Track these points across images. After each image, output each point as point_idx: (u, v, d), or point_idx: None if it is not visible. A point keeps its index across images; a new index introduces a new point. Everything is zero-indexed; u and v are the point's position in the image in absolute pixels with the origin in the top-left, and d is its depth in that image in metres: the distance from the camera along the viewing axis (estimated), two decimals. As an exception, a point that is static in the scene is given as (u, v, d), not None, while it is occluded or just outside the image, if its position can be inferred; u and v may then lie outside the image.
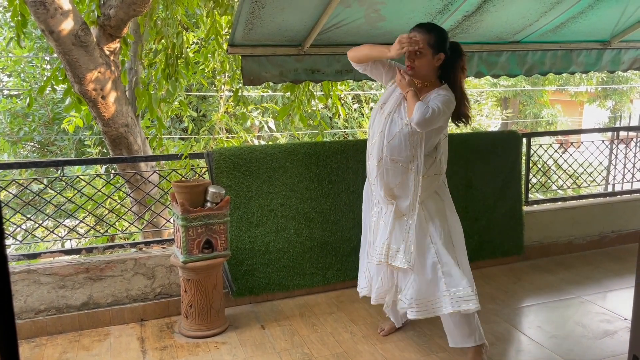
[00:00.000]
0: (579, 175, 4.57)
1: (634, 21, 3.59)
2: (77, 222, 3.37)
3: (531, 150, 4.28)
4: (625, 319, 3.12)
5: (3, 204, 3.47)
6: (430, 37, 2.41)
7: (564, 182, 4.75)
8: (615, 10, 3.38)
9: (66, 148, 8.08)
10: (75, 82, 3.84)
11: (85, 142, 7.40)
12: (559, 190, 6.33)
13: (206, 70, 5.52)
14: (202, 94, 8.28)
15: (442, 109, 2.38)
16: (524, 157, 4.16)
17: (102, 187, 4.21)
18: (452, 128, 3.12)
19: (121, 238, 4.43)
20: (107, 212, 3.68)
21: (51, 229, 3.63)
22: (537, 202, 4.40)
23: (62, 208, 3.70)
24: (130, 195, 4.21)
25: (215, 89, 7.63)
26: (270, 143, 7.56)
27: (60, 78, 4.23)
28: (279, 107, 7.14)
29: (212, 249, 2.96)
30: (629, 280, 3.71)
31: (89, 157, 6.83)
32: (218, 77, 6.18)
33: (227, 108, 6.81)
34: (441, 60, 2.47)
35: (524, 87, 14.41)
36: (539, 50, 3.68)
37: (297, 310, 3.31)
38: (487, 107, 12.04)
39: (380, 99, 2.64)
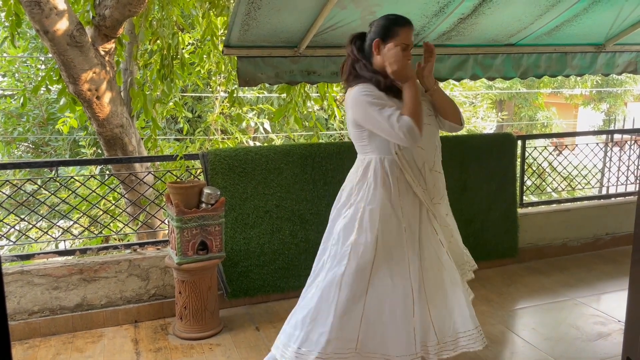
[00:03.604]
0: (574, 178, 4.59)
1: (628, 25, 3.61)
2: (71, 223, 3.35)
3: (526, 152, 4.29)
4: (619, 321, 3.13)
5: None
6: None
7: (559, 185, 4.78)
8: (609, 14, 3.39)
9: (60, 148, 8.03)
10: (70, 83, 3.83)
11: (80, 143, 7.36)
12: (553, 193, 6.36)
13: (202, 71, 5.51)
14: (197, 94, 8.25)
15: None
16: (518, 160, 4.17)
17: (97, 187, 4.18)
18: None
19: (115, 239, 4.41)
20: (101, 213, 3.66)
21: (45, 230, 3.60)
22: (532, 204, 4.42)
23: (56, 209, 3.68)
24: (125, 196, 4.20)
25: (210, 90, 7.61)
26: (265, 144, 7.55)
27: (54, 78, 4.21)
28: (274, 108, 7.13)
29: (207, 251, 2.95)
30: (623, 283, 3.72)
31: (84, 158, 6.80)
32: (213, 78, 6.17)
33: (222, 109, 6.80)
34: None
35: (519, 89, 14.46)
36: (534, 53, 3.69)
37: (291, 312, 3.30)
38: (483, 110, 12.06)
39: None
